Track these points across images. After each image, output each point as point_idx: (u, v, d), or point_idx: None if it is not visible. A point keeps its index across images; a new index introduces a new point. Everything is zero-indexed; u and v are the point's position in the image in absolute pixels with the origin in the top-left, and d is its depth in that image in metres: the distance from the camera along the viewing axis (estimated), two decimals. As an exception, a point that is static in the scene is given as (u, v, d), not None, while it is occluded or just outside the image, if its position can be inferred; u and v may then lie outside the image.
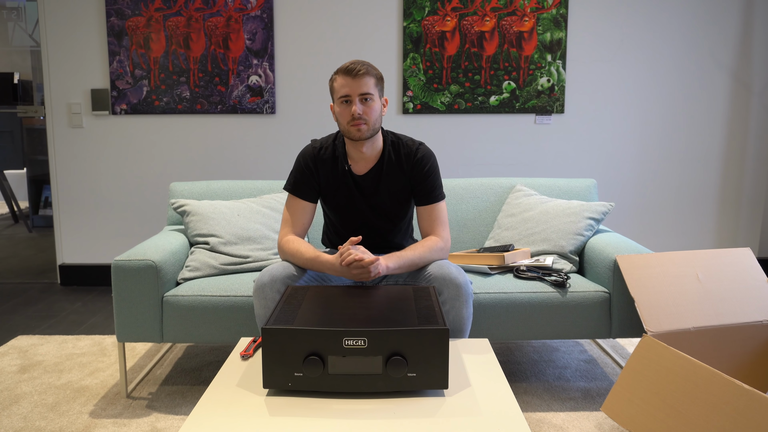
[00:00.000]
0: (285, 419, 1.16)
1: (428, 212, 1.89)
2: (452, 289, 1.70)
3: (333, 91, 1.82)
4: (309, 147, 1.92)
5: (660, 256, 1.94)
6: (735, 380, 1.41)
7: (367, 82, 1.77)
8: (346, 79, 1.77)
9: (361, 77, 1.76)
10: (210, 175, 3.49)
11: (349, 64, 1.77)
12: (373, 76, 1.78)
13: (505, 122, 3.43)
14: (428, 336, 1.23)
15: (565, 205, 2.38)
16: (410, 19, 3.32)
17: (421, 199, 1.90)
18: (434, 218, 1.88)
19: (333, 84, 1.81)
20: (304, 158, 1.90)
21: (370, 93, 1.77)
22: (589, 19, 3.36)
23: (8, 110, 5.42)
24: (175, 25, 3.32)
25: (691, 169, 3.50)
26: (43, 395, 2.12)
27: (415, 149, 1.89)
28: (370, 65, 1.80)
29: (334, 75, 1.81)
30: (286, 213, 1.89)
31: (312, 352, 1.23)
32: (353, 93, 1.76)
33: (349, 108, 1.77)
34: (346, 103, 1.78)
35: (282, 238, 1.86)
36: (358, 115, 1.76)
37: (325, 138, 1.94)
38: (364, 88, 1.76)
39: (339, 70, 1.79)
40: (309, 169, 1.89)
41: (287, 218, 1.88)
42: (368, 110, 1.78)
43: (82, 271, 3.57)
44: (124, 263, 2.00)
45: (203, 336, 2.05)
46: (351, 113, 1.77)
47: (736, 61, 3.41)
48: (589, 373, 2.32)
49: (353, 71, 1.76)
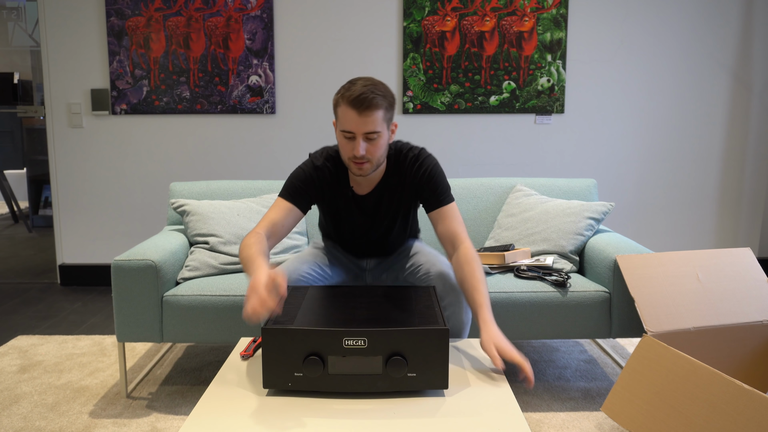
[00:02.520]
0: (285, 419, 1.16)
1: (442, 216, 1.72)
2: (453, 295, 1.72)
3: (336, 114, 1.63)
4: (310, 162, 1.77)
5: (660, 256, 1.94)
6: (735, 380, 1.41)
7: (374, 119, 1.56)
8: (351, 113, 1.56)
9: (369, 114, 1.55)
10: (210, 175, 3.49)
11: (358, 93, 1.54)
12: (382, 108, 1.57)
13: (505, 122, 3.43)
14: (428, 336, 1.23)
15: (565, 205, 2.38)
16: (410, 19, 3.32)
17: (431, 204, 1.74)
18: (451, 220, 1.71)
19: (336, 108, 1.61)
20: (305, 170, 1.75)
21: (377, 131, 1.58)
22: (589, 19, 3.36)
23: (8, 110, 5.43)
24: (175, 25, 3.32)
25: (691, 169, 3.50)
26: (43, 395, 2.12)
27: (414, 159, 1.75)
28: (380, 92, 1.57)
29: (338, 97, 1.59)
30: (269, 211, 1.71)
31: (312, 352, 1.23)
32: (357, 132, 1.57)
33: (352, 144, 1.60)
34: (349, 139, 1.60)
35: (254, 230, 1.64)
36: (361, 155, 1.59)
37: (325, 154, 1.78)
38: (370, 127, 1.57)
39: (345, 97, 1.57)
40: (310, 179, 1.75)
41: (268, 215, 1.70)
42: (373, 149, 1.60)
43: (82, 271, 3.57)
44: (124, 263, 2.00)
45: (203, 336, 2.05)
46: (352, 150, 1.60)
47: (736, 61, 3.41)
48: (589, 373, 2.32)
49: (360, 106, 1.54)
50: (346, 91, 1.58)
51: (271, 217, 1.68)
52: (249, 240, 1.56)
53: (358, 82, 1.58)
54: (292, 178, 1.75)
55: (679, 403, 1.51)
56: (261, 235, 1.60)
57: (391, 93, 1.60)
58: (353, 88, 1.56)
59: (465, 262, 1.60)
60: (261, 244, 1.55)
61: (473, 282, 1.55)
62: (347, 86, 1.58)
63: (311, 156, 1.79)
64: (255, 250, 1.49)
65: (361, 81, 1.59)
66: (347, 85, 1.60)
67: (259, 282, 1.27)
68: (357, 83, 1.58)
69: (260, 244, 1.54)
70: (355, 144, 1.59)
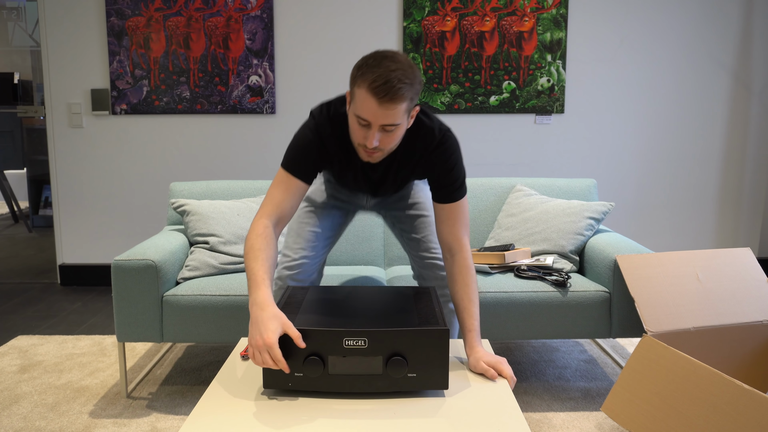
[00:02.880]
0: (285, 419, 1.16)
1: (447, 215, 1.58)
2: (450, 315, 1.79)
3: (352, 92, 1.41)
4: (314, 129, 1.54)
5: (660, 256, 1.94)
6: (735, 380, 1.41)
7: (396, 111, 1.35)
8: (371, 100, 1.34)
9: (391, 106, 1.34)
10: (210, 175, 3.49)
11: (382, 80, 1.31)
12: (407, 99, 1.35)
13: (505, 122, 3.43)
14: (429, 336, 1.23)
15: (565, 205, 2.38)
16: (410, 19, 3.32)
17: (439, 196, 1.58)
18: (455, 221, 1.57)
19: (354, 86, 1.39)
20: (311, 140, 1.54)
21: (397, 124, 1.38)
22: (589, 19, 3.36)
23: (8, 110, 5.42)
24: (175, 25, 3.32)
25: (691, 169, 3.50)
26: (43, 395, 2.12)
27: (436, 144, 1.55)
28: (407, 80, 1.34)
29: (358, 74, 1.36)
30: (275, 190, 1.51)
31: (312, 352, 1.23)
32: (374, 122, 1.37)
33: (365, 132, 1.41)
34: (363, 126, 1.41)
35: (260, 218, 1.46)
36: (374, 146, 1.42)
37: (331, 116, 1.54)
38: (389, 119, 1.36)
39: (366, 80, 1.33)
40: (317, 150, 1.54)
41: (274, 196, 1.51)
42: (388, 139, 1.42)
43: (82, 271, 3.57)
44: (124, 263, 2.00)
45: (203, 336, 2.04)
46: (365, 138, 1.42)
47: (736, 61, 3.41)
48: (589, 373, 2.32)
49: (383, 96, 1.32)
50: (368, 70, 1.34)
51: (278, 200, 1.50)
52: (256, 242, 1.40)
53: (385, 62, 1.33)
54: (298, 149, 1.54)
55: (679, 403, 1.51)
56: (269, 231, 1.44)
57: (419, 78, 1.38)
58: (377, 71, 1.32)
59: (459, 273, 1.53)
60: (269, 249, 1.40)
61: (466, 303, 1.49)
62: (371, 63, 1.34)
63: (314, 119, 1.56)
64: (261, 263, 1.35)
65: (388, 61, 1.33)
66: (371, 60, 1.35)
67: (272, 342, 1.18)
68: (383, 63, 1.33)
69: (268, 249, 1.39)
70: (368, 133, 1.40)
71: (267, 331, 1.19)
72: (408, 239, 1.85)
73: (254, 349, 1.20)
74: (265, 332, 1.19)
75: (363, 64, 1.36)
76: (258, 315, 1.23)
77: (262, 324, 1.20)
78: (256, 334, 1.20)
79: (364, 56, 1.39)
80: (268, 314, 1.22)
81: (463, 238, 1.57)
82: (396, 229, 1.90)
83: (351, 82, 1.40)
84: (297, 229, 1.82)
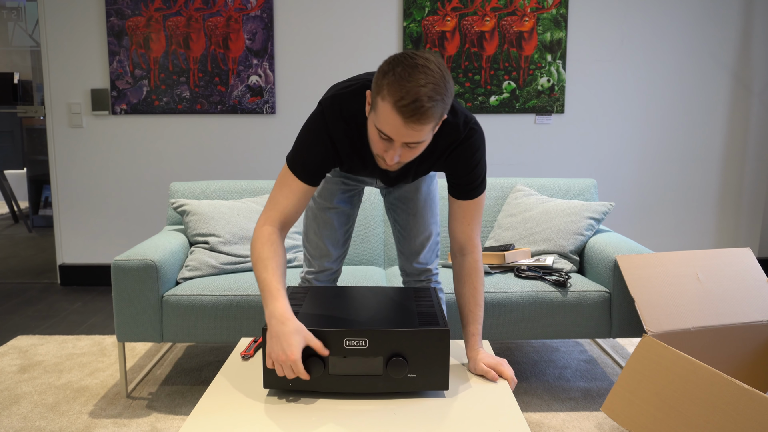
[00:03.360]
0: (285, 419, 1.16)
1: (463, 212, 1.49)
2: None
3: (374, 101, 1.24)
4: (324, 126, 1.39)
5: (660, 256, 1.94)
6: (735, 380, 1.41)
7: (423, 131, 1.22)
8: (396, 119, 1.19)
9: (418, 127, 1.20)
10: (210, 175, 3.49)
11: (411, 98, 1.15)
12: (436, 117, 1.21)
13: (505, 122, 3.43)
14: (429, 337, 1.23)
15: (565, 205, 2.38)
16: (410, 19, 3.32)
17: (460, 192, 1.46)
18: (470, 220, 1.48)
19: (377, 96, 1.22)
20: (323, 141, 1.40)
21: (422, 141, 1.25)
22: (589, 19, 3.36)
23: (8, 110, 5.42)
24: (175, 25, 3.32)
25: (691, 169, 3.50)
26: (43, 395, 2.12)
27: (461, 141, 1.42)
28: (439, 96, 1.18)
29: (383, 85, 1.19)
30: (279, 194, 1.41)
31: (312, 352, 1.23)
32: (398, 140, 1.24)
33: (386, 146, 1.27)
34: (384, 140, 1.26)
35: (263, 225, 1.38)
36: (395, 162, 1.30)
37: (342, 112, 1.38)
38: (415, 138, 1.23)
39: (392, 95, 1.17)
40: (329, 153, 1.41)
41: (278, 200, 1.40)
42: (410, 154, 1.29)
43: (82, 271, 3.57)
44: (124, 263, 1.99)
45: (203, 336, 2.04)
46: (385, 152, 1.28)
47: (736, 61, 3.41)
48: (589, 373, 2.32)
49: (410, 116, 1.17)
50: (395, 82, 1.17)
51: (282, 205, 1.39)
52: (264, 251, 1.33)
53: (416, 74, 1.17)
54: (305, 149, 1.40)
55: (679, 403, 1.51)
56: (275, 237, 1.36)
57: (451, 88, 1.22)
58: (406, 87, 1.16)
59: (468, 275, 1.48)
60: (278, 257, 1.33)
61: (471, 306, 1.45)
62: (400, 74, 1.17)
63: (324, 114, 1.39)
64: (272, 273, 1.29)
65: (419, 73, 1.17)
66: (399, 69, 1.18)
67: (296, 358, 1.17)
68: (413, 76, 1.16)
69: (277, 257, 1.33)
70: (389, 148, 1.27)
71: (290, 347, 1.18)
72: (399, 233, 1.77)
73: (277, 363, 1.19)
74: (288, 348, 1.17)
75: (390, 72, 1.19)
76: (279, 329, 1.19)
77: (284, 340, 1.18)
78: (278, 350, 1.18)
79: (392, 58, 1.21)
80: (289, 329, 1.19)
81: (476, 237, 1.50)
82: (390, 214, 1.80)
83: (374, 87, 1.23)
84: (314, 238, 1.74)
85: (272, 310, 1.23)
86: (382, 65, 1.23)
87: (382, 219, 2.55)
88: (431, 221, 1.75)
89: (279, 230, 1.39)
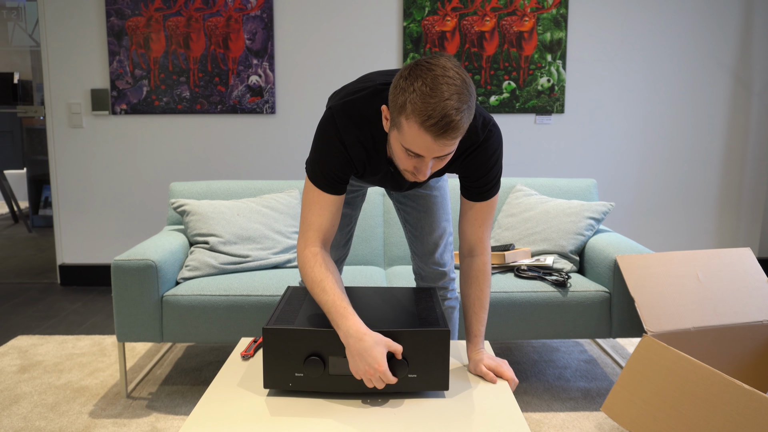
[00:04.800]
0: (285, 419, 1.16)
1: (476, 214, 1.45)
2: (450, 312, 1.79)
3: (397, 122, 1.18)
4: (338, 136, 1.35)
5: (660, 256, 1.94)
6: (735, 380, 1.41)
7: (454, 143, 1.18)
8: (425, 137, 1.15)
9: (449, 142, 1.17)
10: (210, 175, 3.49)
11: (440, 114, 1.11)
12: (467, 125, 1.17)
13: (505, 122, 3.43)
14: (429, 337, 1.23)
15: (565, 205, 2.38)
16: (410, 19, 3.32)
17: (473, 193, 1.43)
18: (482, 222, 1.46)
19: (401, 117, 1.16)
20: (340, 151, 1.36)
21: (453, 151, 1.22)
22: (589, 19, 3.36)
23: (8, 110, 5.42)
24: (175, 25, 3.32)
25: (691, 169, 3.50)
26: (43, 395, 2.12)
27: (478, 142, 1.38)
28: (466, 105, 1.14)
29: (409, 104, 1.14)
30: (310, 213, 1.37)
31: (313, 352, 1.23)
32: (428, 156, 1.20)
33: (414, 162, 1.23)
34: (412, 157, 1.22)
35: (305, 248, 1.35)
36: (425, 176, 1.25)
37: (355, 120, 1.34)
38: (446, 151, 1.19)
39: (420, 116, 1.13)
40: (347, 162, 1.37)
41: (311, 220, 1.36)
42: (439, 164, 1.25)
43: (82, 271, 3.57)
44: (124, 263, 2.00)
45: (203, 336, 2.05)
46: (415, 168, 1.24)
47: (736, 61, 3.41)
48: (589, 373, 2.32)
49: (441, 133, 1.14)
50: (419, 100, 1.13)
51: (317, 224, 1.36)
52: (316, 274, 1.30)
53: (438, 86, 1.12)
54: (324, 161, 1.36)
55: (679, 403, 1.51)
56: (321, 257, 1.33)
57: (474, 90, 1.18)
58: (431, 104, 1.12)
59: (476, 277, 1.46)
60: (333, 274, 1.31)
61: (477, 308, 1.45)
62: (422, 90, 1.13)
63: (335, 123, 1.35)
64: (333, 293, 1.26)
65: (441, 83, 1.12)
66: (419, 84, 1.13)
67: (384, 369, 1.18)
68: (437, 90, 1.12)
69: (331, 275, 1.30)
70: (421, 164, 1.22)
71: (376, 361, 1.18)
72: (410, 232, 1.75)
73: (366, 378, 1.20)
74: (374, 362, 1.17)
75: (409, 88, 1.14)
76: (359, 347, 1.18)
77: (368, 355, 1.18)
78: (365, 366, 1.18)
79: (408, 72, 1.16)
80: (369, 344, 1.18)
81: (486, 240, 1.47)
82: (399, 214, 1.77)
83: (393, 105, 1.18)
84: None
85: (346, 330, 1.20)
86: (397, 80, 1.18)
87: (382, 219, 2.55)
88: (443, 218, 1.72)
89: (322, 248, 1.36)
